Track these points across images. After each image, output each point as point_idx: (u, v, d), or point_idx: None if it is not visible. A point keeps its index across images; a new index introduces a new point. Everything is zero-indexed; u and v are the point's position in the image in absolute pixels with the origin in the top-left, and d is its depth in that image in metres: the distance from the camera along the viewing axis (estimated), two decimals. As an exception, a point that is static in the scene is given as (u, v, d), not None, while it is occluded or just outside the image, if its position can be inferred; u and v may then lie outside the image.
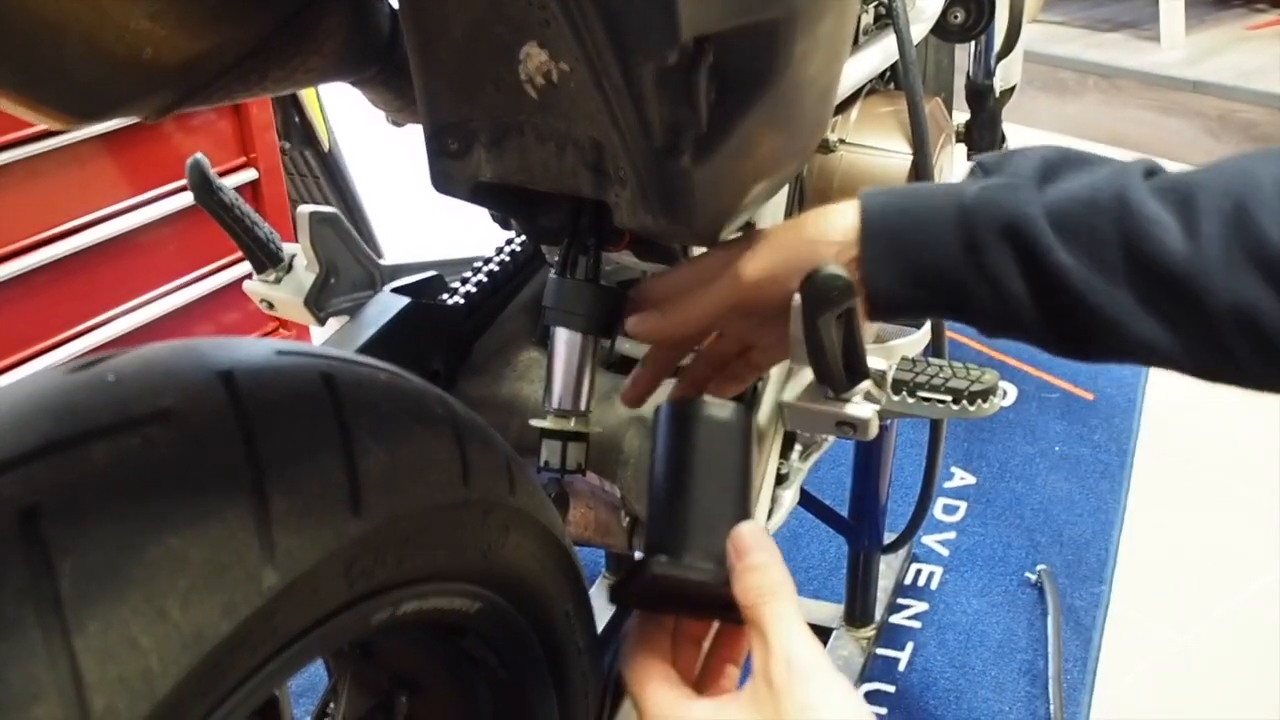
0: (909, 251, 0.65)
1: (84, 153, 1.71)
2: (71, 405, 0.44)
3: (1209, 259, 0.58)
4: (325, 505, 0.47)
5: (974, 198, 0.64)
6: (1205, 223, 0.59)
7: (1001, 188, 0.64)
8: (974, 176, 0.68)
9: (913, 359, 1.00)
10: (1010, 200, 0.63)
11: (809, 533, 1.82)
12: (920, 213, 0.65)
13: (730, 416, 0.63)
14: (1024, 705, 1.51)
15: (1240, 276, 0.58)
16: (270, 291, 0.95)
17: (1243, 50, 4.17)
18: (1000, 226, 0.63)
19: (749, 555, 0.58)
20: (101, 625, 0.38)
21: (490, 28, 0.60)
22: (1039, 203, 0.62)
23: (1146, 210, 0.60)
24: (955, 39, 1.37)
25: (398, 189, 2.26)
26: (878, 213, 0.66)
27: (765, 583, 0.57)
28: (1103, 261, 0.61)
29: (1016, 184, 0.64)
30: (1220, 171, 0.61)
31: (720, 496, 0.61)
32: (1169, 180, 0.62)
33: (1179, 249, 0.59)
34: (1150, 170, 0.63)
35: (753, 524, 0.60)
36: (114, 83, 0.56)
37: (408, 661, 0.71)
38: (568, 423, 0.73)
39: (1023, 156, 0.67)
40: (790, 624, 0.55)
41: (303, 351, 0.53)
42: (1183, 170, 0.63)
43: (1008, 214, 0.62)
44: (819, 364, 0.68)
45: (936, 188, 0.67)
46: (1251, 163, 0.61)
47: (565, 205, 0.70)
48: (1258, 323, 0.58)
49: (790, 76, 0.61)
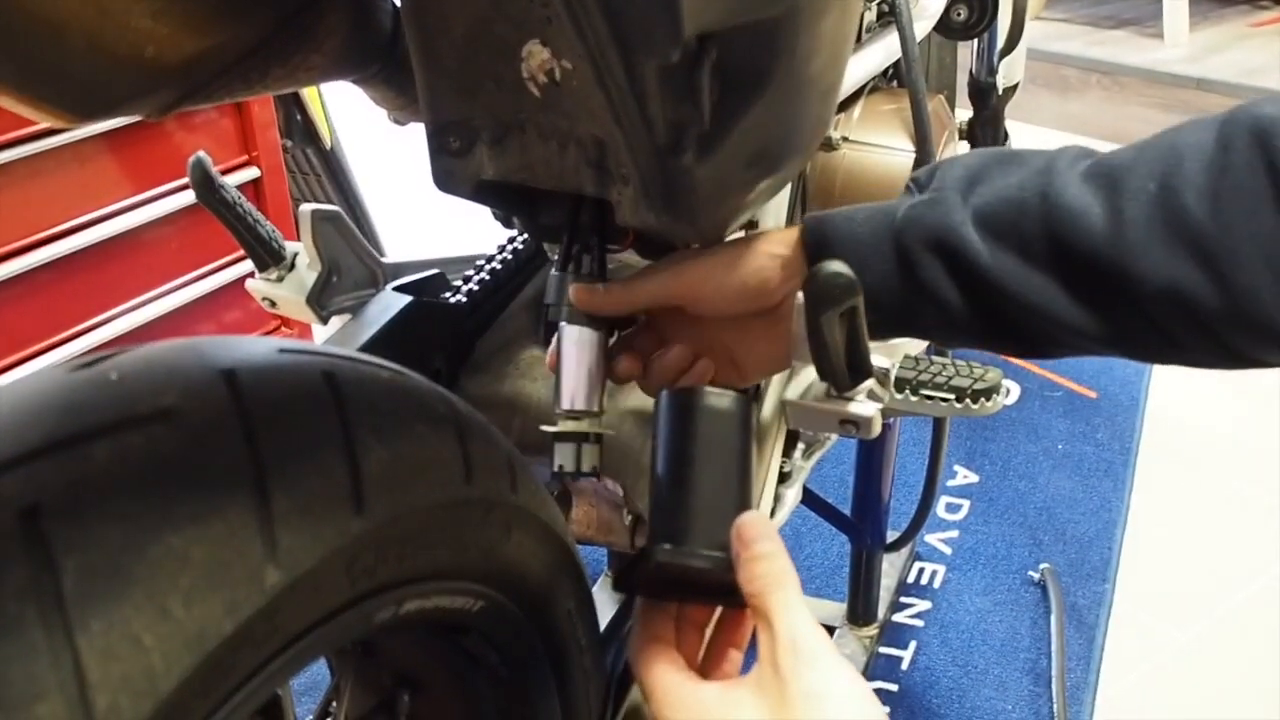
0: (834, 249, 0.66)
1: (86, 151, 1.71)
2: (73, 404, 0.44)
3: (1133, 241, 0.58)
4: (327, 503, 0.47)
5: (903, 216, 0.65)
6: (1129, 205, 0.59)
7: (928, 202, 0.65)
8: (906, 194, 0.69)
9: (916, 357, 0.99)
10: (935, 213, 0.64)
11: (811, 531, 1.82)
12: (856, 237, 0.67)
13: (730, 405, 0.63)
14: (1027, 704, 1.51)
15: (1167, 255, 0.58)
16: (272, 290, 0.95)
17: (1246, 47, 4.16)
18: (928, 240, 0.64)
19: (754, 544, 0.58)
20: (104, 624, 0.38)
21: (492, 26, 0.60)
22: (965, 210, 0.63)
23: (1068, 199, 0.60)
24: (958, 36, 1.36)
25: (400, 187, 2.26)
26: (819, 238, 0.68)
27: (771, 571, 0.57)
28: (1029, 256, 0.62)
29: (943, 196, 0.65)
30: (1146, 149, 0.61)
31: (722, 485, 0.62)
32: (1098, 165, 0.62)
33: (1102, 234, 0.59)
34: (1082, 156, 0.64)
35: (757, 513, 0.61)
36: (115, 81, 0.56)
37: (410, 660, 0.70)
38: (581, 424, 0.71)
39: (951, 166, 0.68)
40: (796, 611, 0.56)
41: (305, 350, 0.53)
42: (1114, 150, 0.63)
43: (933, 227, 0.64)
44: (822, 362, 0.68)
45: (873, 209, 0.68)
46: (1178, 135, 0.61)
47: (567, 203, 0.70)
48: (1189, 300, 0.58)
49: (793, 74, 0.61)
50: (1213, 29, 4.41)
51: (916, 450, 2.01)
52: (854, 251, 0.66)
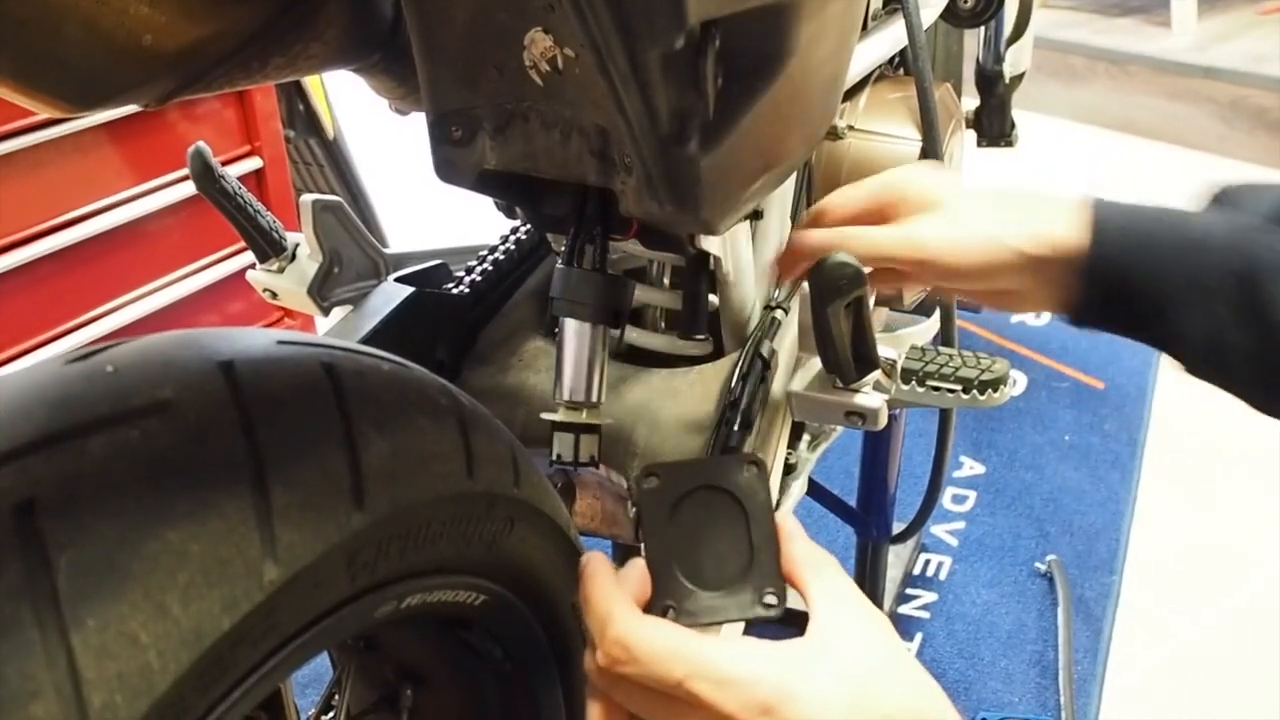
0: (1132, 273, 0.62)
1: (87, 141, 1.70)
2: (69, 397, 0.43)
3: None
4: (327, 498, 0.46)
5: (1211, 233, 0.61)
6: None
7: (1242, 229, 0.61)
8: (1214, 207, 0.65)
9: (922, 348, 0.99)
10: (1248, 244, 0.60)
11: (817, 523, 1.82)
12: (1154, 237, 0.62)
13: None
14: (1034, 696, 1.51)
15: None
16: (273, 281, 0.94)
17: (1254, 35, 4.14)
18: (1235, 270, 0.60)
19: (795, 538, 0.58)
20: (99, 621, 0.38)
21: (494, 13, 0.60)
22: (1277, 249, 0.59)
23: None
24: (965, 24, 1.35)
25: (403, 177, 2.25)
26: (1114, 227, 0.63)
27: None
28: None
29: (1255, 225, 0.60)
30: None
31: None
32: None
33: None
34: None
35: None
36: (113, 70, 0.55)
37: (412, 654, 0.70)
38: (579, 414, 0.72)
39: (1265, 192, 0.64)
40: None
41: (304, 341, 0.52)
42: None
43: (1244, 258, 0.59)
44: (827, 353, 0.67)
45: (1171, 214, 0.63)
46: None
47: (570, 193, 0.70)
48: None
49: (798, 62, 0.60)
50: (1220, 16, 4.38)
51: (922, 441, 2.00)
52: (1144, 250, 0.62)
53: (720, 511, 0.60)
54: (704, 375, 0.90)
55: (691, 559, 0.59)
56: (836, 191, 0.74)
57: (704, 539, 0.60)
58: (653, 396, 0.89)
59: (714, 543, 0.59)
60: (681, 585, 0.58)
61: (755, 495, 0.60)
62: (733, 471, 0.60)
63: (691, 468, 0.63)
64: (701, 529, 0.60)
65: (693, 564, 0.59)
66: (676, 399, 0.88)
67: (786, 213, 1.00)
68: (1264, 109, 3.54)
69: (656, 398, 0.89)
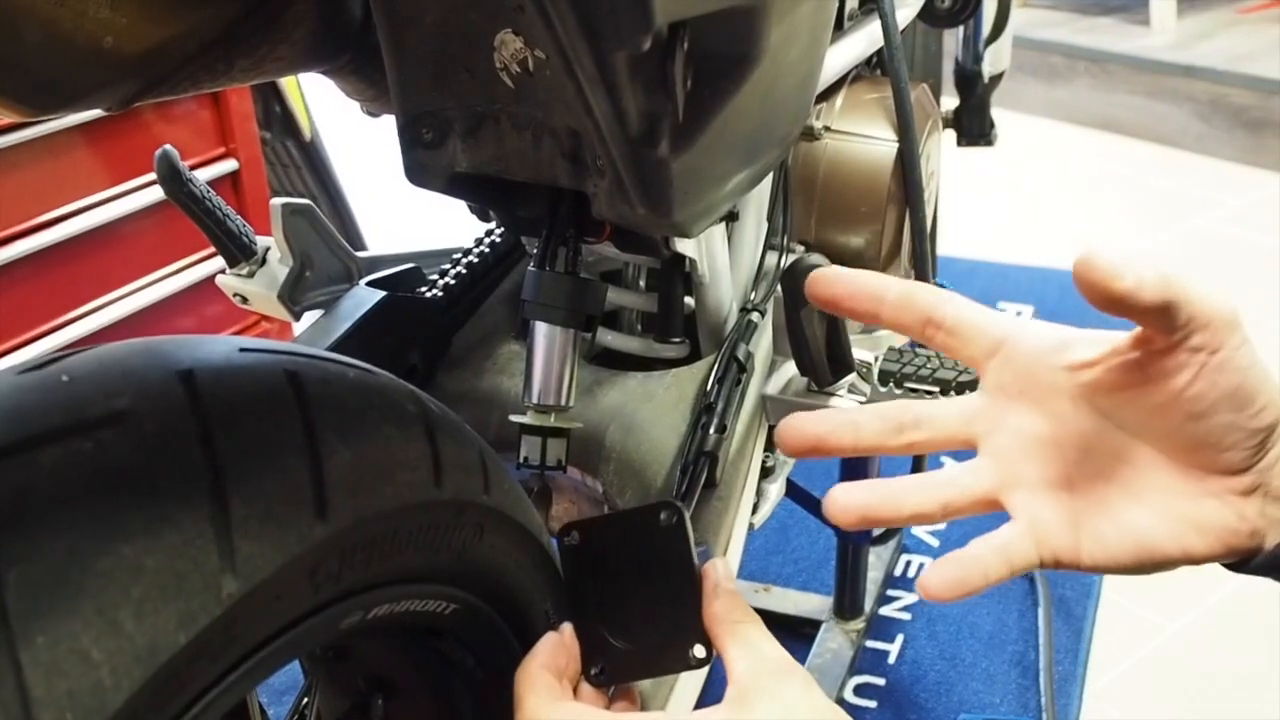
0: None
1: (60, 143, 1.68)
2: (20, 407, 0.42)
3: None
4: (288, 508, 0.45)
5: None
6: None
7: None
8: None
9: (899, 349, 0.98)
10: None
11: (798, 525, 1.81)
12: None
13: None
14: (1015, 697, 1.51)
15: None
16: (243, 285, 0.93)
17: (1234, 34, 4.15)
18: None
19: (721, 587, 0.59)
20: (50, 639, 0.37)
21: (463, 14, 0.59)
22: None
23: None
24: (943, 24, 1.35)
25: (381, 179, 2.24)
26: None
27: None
28: None
29: None
30: None
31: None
32: None
33: None
34: None
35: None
36: (74, 73, 0.55)
37: (383, 663, 0.69)
38: (548, 418, 0.72)
39: None
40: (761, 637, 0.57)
41: (267, 349, 0.51)
42: None
43: None
44: (801, 357, 0.67)
45: None
46: None
47: (543, 196, 0.69)
48: None
49: (769, 63, 0.60)
50: (1200, 15, 4.40)
51: (903, 441, 2.00)
52: None
53: (643, 563, 0.61)
54: (680, 378, 0.90)
55: (619, 616, 0.60)
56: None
57: (629, 593, 0.60)
58: (628, 400, 0.88)
59: (640, 596, 0.60)
60: (610, 645, 0.60)
61: (673, 546, 0.60)
62: (652, 523, 0.61)
63: (611, 522, 0.64)
64: (625, 583, 0.61)
65: (621, 621, 0.60)
66: (652, 402, 0.88)
67: (762, 214, 0.99)
68: (1243, 107, 3.56)
69: (632, 401, 0.88)
